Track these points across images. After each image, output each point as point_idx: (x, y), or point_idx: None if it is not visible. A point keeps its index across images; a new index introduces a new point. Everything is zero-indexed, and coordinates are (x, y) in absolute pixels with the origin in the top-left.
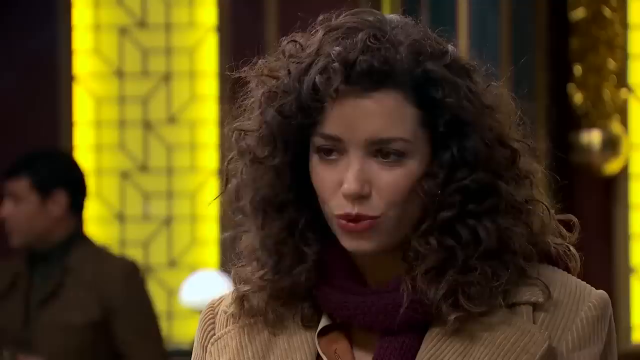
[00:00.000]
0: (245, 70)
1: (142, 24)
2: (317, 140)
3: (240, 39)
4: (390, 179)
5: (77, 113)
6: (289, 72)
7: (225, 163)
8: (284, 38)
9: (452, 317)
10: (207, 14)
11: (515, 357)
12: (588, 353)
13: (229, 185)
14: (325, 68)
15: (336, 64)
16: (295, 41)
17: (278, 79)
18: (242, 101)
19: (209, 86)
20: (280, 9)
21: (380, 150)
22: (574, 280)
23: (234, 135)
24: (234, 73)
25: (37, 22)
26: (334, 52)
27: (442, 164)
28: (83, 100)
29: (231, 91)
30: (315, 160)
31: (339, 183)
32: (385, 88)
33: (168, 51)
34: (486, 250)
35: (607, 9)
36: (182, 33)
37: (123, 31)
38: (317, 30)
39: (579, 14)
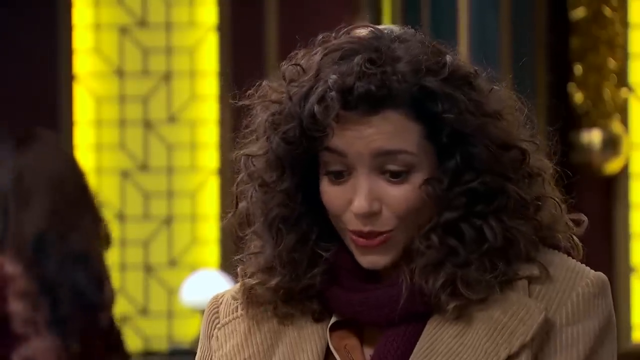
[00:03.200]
0: (249, 95)
1: (142, 23)
2: (324, 156)
3: (240, 38)
4: (398, 194)
5: (78, 112)
6: (290, 98)
7: (235, 186)
8: (284, 63)
9: (451, 305)
10: (208, 13)
11: (512, 329)
12: (582, 327)
13: (239, 208)
14: (323, 97)
15: (333, 93)
16: (296, 64)
17: (281, 104)
18: (247, 124)
19: (209, 86)
20: (280, 9)
21: (387, 164)
22: (573, 261)
23: (242, 159)
24: (237, 101)
25: (37, 22)
26: (330, 80)
27: (447, 171)
28: (83, 99)
29: (235, 114)
30: (325, 182)
31: (348, 201)
32: (384, 109)
33: (168, 50)
34: (490, 249)
35: (607, 8)
36: (183, 32)
37: (123, 30)
38: (317, 52)
39: (579, 13)
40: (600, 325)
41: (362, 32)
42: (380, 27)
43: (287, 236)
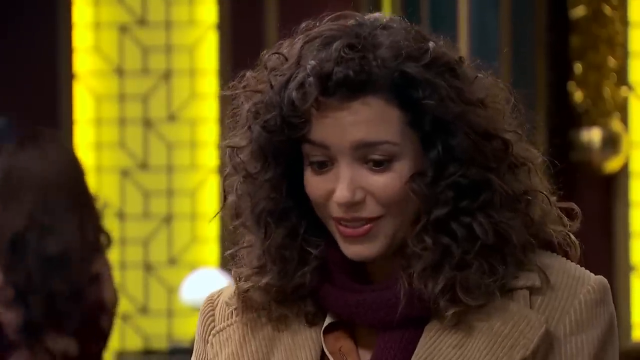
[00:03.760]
0: (234, 85)
1: (142, 21)
2: (306, 148)
3: (240, 36)
4: (381, 183)
5: (78, 111)
6: (272, 86)
7: (223, 179)
8: (266, 52)
9: (450, 312)
10: (207, 11)
11: (512, 342)
12: (586, 337)
13: (228, 201)
14: (302, 84)
15: (311, 79)
16: (278, 53)
17: (263, 93)
18: (232, 116)
19: (209, 84)
20: (280, 7)
21: (369, 154)
22: (572, 266)
23: (227, 151)
24: (222, 91)
25: (38, 20)
26: (309, 66)
27: (431, 163)
28: (83, 98)
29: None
30: (308, 173)
31: (331, 191)
32: (364, 95)
33: (168, 49)
34: (483, 246)
35: (607, 6)
36: (182, 31)
37: (123, 29)
38: (299, 40)
39: (579, 11)
40: (603, 332)
41: (344, 19)
42: (366, 15)
43: (276, 230)
